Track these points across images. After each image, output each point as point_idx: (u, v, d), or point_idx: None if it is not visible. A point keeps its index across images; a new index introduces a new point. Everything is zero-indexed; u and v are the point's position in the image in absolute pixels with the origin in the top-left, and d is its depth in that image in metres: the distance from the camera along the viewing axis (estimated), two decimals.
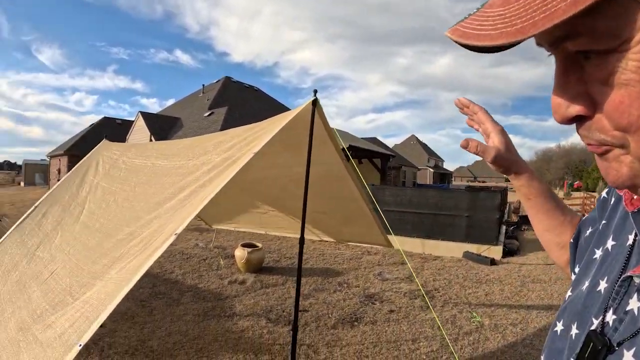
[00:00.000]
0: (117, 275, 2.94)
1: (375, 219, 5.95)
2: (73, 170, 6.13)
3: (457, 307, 6.78)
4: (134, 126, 32.31)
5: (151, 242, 3.03)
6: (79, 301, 3.00)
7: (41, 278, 4.00)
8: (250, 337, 5.64)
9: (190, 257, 10.30)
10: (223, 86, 35.28)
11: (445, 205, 11.66)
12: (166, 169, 4.66)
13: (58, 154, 38.55)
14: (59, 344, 2.57)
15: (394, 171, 36.61)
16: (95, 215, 4.77)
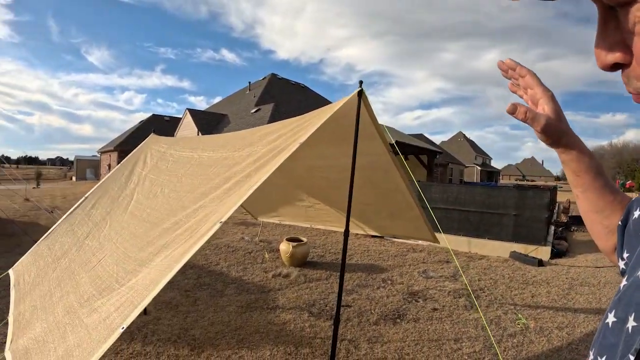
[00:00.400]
0: (162, 262, 2.98)
1: (423, 214, 5.90)
2: (122, 163, 6.26)
3: (502, 308, 6.63)
4: (182, 123, 32.89)
5: (196, 231, 3.06)
6: (125, 287, 3.05)
7: (89, 265, 4.10)
8: (291, 330, 5.65)
9: (236, 250, 10.43)
10: (269, 83, 35.57)
11: (493, 204, 11.36)
12: (212, 160, 4.70)
13: (108, 150, 39.62)
14: (103, 327, 2.62)
15: (440, 168, 36.27)
16: (142, 205, 4.85)
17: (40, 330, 3.33)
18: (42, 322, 3.47)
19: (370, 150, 4.96)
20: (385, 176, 5.49)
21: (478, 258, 10.37)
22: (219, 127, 30.76)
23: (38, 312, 3.80)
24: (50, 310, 3.63)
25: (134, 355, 4.91)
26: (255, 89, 36.11)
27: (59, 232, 5.52)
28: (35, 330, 3.40)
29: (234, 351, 5.03)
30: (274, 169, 3.21)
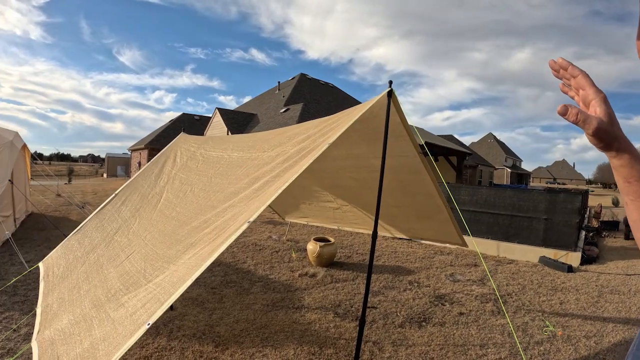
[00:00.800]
0: (189, 260, 3.01)
1: (451, 216, 5.86)
2: (152, 161, 6.34)
3: (530, 315, 6.52)
4: (212, 122, 33.17)
5: (224, 230, 3.08)
6: (152, 283, 3.09)
7: (117, 260, 4.16)
8: (316, 330, 5.66)
9: (263, 248, 10.49)
10: (298, 83, 35.63)
11: (523, 207, 11.18)
12: (241, 161, 4.74)
13: (139, 147, 40.17)
14: (129, 322, 2.66)
15: (470, 170, 35.94)
16: (172, 204, 4.91)
17: (67, 322, 3.40)
18: (69, 314, 3.54)
19: (399, 151, 4.94)
20: (414, 178, 5.45)
21: (506, 262, 10.21)
22: (248, 127, 30.94)
23: (65, 304, 3.87)
24: (78, 303, 3.70)
25: (159, 350, 4.98)
26: (285, 89, 36.20)
27: (89, 227, 5.61)
28: (61, 322, 3.46)
29: (258, 349, 5.06)
30: (303, 170, 3.22)
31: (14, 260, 8.55)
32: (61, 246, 5.64)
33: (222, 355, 4.90)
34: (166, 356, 4.84)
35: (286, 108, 30.07)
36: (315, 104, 31.27)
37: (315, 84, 38.30)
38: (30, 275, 7.29)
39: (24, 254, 8.67)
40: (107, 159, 56.20)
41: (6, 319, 5.72)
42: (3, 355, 4.74)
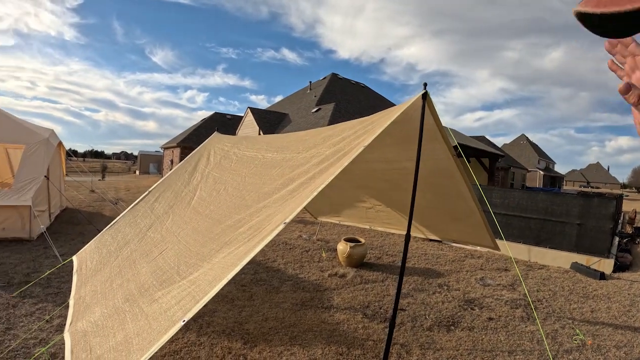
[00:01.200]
0: (225, 259, 3.05)
1: (484, 219, 5.83)
2: (186, 160, 6.43)
3: (560, 322, 6.41)
4: (244, 121, 33.36)
5: (259, 230, 3.10)
6: (186, 280, 3.14)
7: (150, 256, 4.23)
8: (344, 330, 5.67)
9: (294, 247, 10.56)
10: (330, 83, 35.60)
11: (555, 211, 11.01)
12: (276, 161, 4.77)
13: (171, 146, 40.62)
14: (164, 318, 2.70)
15: (502, 172, 35.52)
16: (205, 202, 4.98)
17: (100, 314, 3.47)
18: (101, 307, 3.61)
19: (433, 153, 4.92)
20: (447, 180, 5.42)
21: (538, 267, 10.07)
22: (279, 126, 31.04)
23: (98, 297, 3.95)
24: (110, 296, 3.78)
25: (188, 345, 5.05)
26: (316, 89, 36.20)
27: (122, 223, 5.72)
28: (94, 315, 3.54)
29: (287, 347, 5.09)
30: (338, 172, 3.23)
31: (48, 253, 8.76)
32: (95, 240, 5.76)
33: (251, 352, 4.95)
34: (195, 351, 4.91)
35: (318, 108, 30.09)
36: (347, 104, 31.23)
37: (347, 83, 38.23)
38: (64, 268, 7.45)
39: (58, 248, 8.87)
40: (140, 157, 57.00)
41: (39, 310, 5.87)
42: (36, 345, 4.86)
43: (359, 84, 40.82)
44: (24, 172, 10.09)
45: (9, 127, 10.94)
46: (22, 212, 9.74)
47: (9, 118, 11.35)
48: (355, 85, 39.57)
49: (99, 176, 35.57)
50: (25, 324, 5.44)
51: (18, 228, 9.78)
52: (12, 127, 11.04)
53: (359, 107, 31.30)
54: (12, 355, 4.62)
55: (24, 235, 9.82)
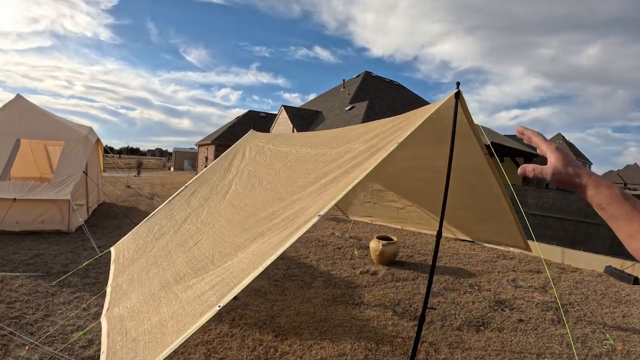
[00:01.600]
0: (259, 248, 3.12)
1: (516, 220, 5.80)
2: (222, 156, 6.55)
3: (590, 326, 6.33)
4: (277, 119, 33.56)
5: (293, 222, 3.16)
6: (220, 268, 3.21)
7: (186, 246, 4.34)
8: (374, 326, 5.71)
9: (326, 244, 10.63)
10: (363, 81, 35.54)
11: (590, 213, 10.68)
12: (310, 156, 4.82)
13: (206, 143, 41.08)
14: (198, 303, 2.78)
15: None
16: (240, 195, 5.07)
17: (136, 300, 3.57)
18: (137, 294, 3.72)
19: (465, 152, 4.90)
20: (480, 179, 5.40)
21: (571, 270, 9.91)
22: (313, 124, 31.14)
23: (134, 284, 4.07)
24: (147, 283, 3.88)
25: (220, 336, 5.17)
26: (350, 87, 36.21)
27: (159, 216, 5.86)
28: (130, 301, 3.65)
29: (317, 341, 5.17)
30: (372, 167, 3.27)
31: (86, 245, 9.03)
32: (132, 232, 5.91)
33: (281, 345, 5.04)
34: (227, 342, 5.03)
35: (351, 106, 30.09)
36: (380, 102, 31.16)
37: (380, 81, 38.11)
38: (101, 260, 7.67)
39: (96, 240, 9.09)
40: (175, 153, 57.95)
41: (77, 299, 6.09)
42: (73, 331, 5.06)
43: (392, 81, 40.66)
44: (63, 167, 10.38)
45: (48, 125, 11.27)
46: (61, 206, 10.02)
47: (48, 116, 11.68)
48: (388, 83, 39.43)
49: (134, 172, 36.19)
50: (63, 311, 5.65)
51: (57, 221, 10.07)
52: (51, 124, 11.37)
53: (392, 105, 31.20)
54: (50, 340, 4.81)
55: (62, 227, 10.12)
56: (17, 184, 10.01)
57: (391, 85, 39.14)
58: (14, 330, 4.95)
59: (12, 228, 9.70)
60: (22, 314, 5.48)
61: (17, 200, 9.45)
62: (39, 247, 8.73)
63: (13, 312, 5.51)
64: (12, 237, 9.48)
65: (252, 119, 41.08)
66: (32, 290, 6.31)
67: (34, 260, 7.85)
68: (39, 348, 4.56)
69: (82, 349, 4.62)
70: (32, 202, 9.73)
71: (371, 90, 34.10)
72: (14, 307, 5.70)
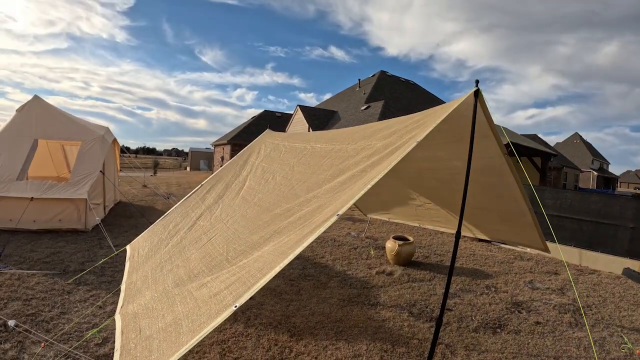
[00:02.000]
0: (276, 248, 3.11)
1: (535, 221, 5.72)
2: (238, 155, 6.57)
3: (608, 330, 6.21)
4: (293, 119, 33.62)
5: (310, 221, 3.14)
6: (235, 266, 3.20)
7: (199, 243, 4.34)
8: (390, 327, 5.67)
9: (342, 244, 10.60)
10: (378, 80, 35.51)
11: (609, 214, 10.59)
12: (324, 152, 4.78)
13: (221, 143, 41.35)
14: (213, 302, 2.76)
15: (554, 172, 34.71)
16: (254, 190, 5.06)
17: (150, 297, 3.58)
18: (151, 291, 3.72)
19: (484, 152, 4.85)
20: (498, 179, 5.32)
21: (588, 272, 9.76)
22: (329, 124, 31.14)
23: (149, 281, 4.07)
24: (160, 280, 3.89)
25: (235, 335, 5.15)
26: (365, 86, 36.19)
27: (174, 214, 5.88)
28: (144, 298, 3.65)
29: (332, 342, 5.13)
30: (391, 166, 3.22)
31: (103, 244, 9.09)
32: (148, 231, 5.94)
33: (296, 345, 5.02)
34: (242, 341, 5.01)
35: (367, 105, 30.05)
36: (396, 102, 31.09)
37: (396, 81, 38.04)
38: (117, 258, 7.72)
39: (112, 239, 9.16)
40: (191, 153, 58.35)
41: (93, 297, 6.11)
42: (88, 328, 5.07)
43: (408, 81, 40.57)
44: (81, 167, 10.50)
45: (65, 125, 11.41)
46: (79, 205, 10.10)
47: (65, 116, 11.82)
48: (404, 82, 39.34)
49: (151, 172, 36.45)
50: (79, 309, 5.68)
51: (74, 219, 10.15)
52: (68, 124, 11.51)
53: (408, 105, 31.13)
54: (65, 337, 4.83)
55: (79, 226, 10.20)
56: (35, 183, 10.12)
57: (407, 85, 39.05)
58: (29, 328, 4.99)
59: (30, 226, 9.80)
60: (38, 311, 5.52)
61: (34, 199, 9.54)
62: (56, 246, 8.82)
63: (29, 310, 5.56)
64: (29, 235, 9.58)
65: (268, 118, 41.25)
66: (48, 288, 6.36)
67: (50, 258, 7.92)
68: (54, 345, 4.58)
69: (97, 346, 4.63)
70: (49, 201, 9.83)
71: (387, 89, 34.04)
72: (30, 304, 5.75)
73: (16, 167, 9.99)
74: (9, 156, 10.17)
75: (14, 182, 9.77)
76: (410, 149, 3.37)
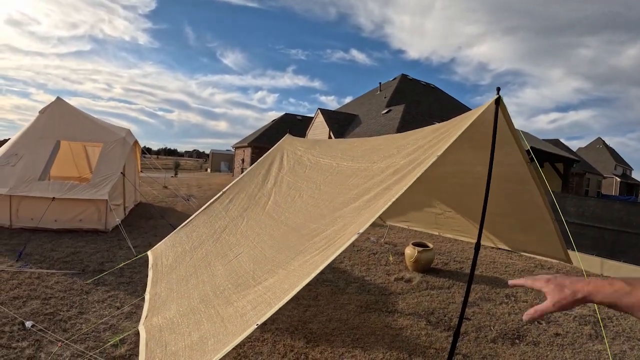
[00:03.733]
0: (300, 268, 3.09)
1: (557, 230, 5.62)
2: (258, 162, 6.54)
3: (629, 342, 6.08)
4: (314, 122, 33.64)
5: (334, 240, 3.13)
6: (261, 286, 3.20)
7: (226, 259, 4.33)
8: (407, 336, 5.61)
9: (361, 250, 10.54)
10: (399, 84, 35.39)
11: (632, 222, 10.32)
12: (351, 170, 4.77)
13: (242, 145, 41.59)
14: (240, 322, 2.78)
15: (577, 178, 34.29)
16: (280, 208, 5.05)
17: (175, 312, 3.58)
18: (177, 305, 3.73)
19: (506, 159, 4.77)
20: (520, 187, 5.21)
21: None
22: (349, 127, 31.08)
23: (173, 294, 4.08)
24: (186, 295, 3.89)
25: (251, 341, 5.14)
26: (386, 90, 36.10)
27: (197, 222, 5.88)
28: (170, 312, 3.66)
29: (348, 349, 5.10)
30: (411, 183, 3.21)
31: (122, 245, 9.14)
32: (169, 238, 5.95)
33: (312, 351, 4.99)
34: (258, 347, 5.01)
35: (388, 109, 29.96)
36: (417, 105, 30.95)
37: (416, 84, 37.90)
38: (136, 260, 7.74)
39: (132, 240, 9.21)
40: (212, 155, 58.91)
41: (111, 298, 6.17)
42: (105, 329, 5.12)
43: (429, 84, 40.41)
44: (102, 168, 10.63)
45: (87, 127, 11.60)
46: (99, 206, 10.20)
47: (87, 118, 12.01)
48: (425, 86, 39.20)
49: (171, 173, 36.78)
50: (97, 309, 5.73)
51: (94, 220, 10.26)
52: (90, 126, 11.69)
53: (429, 109, 30.99)
54: (82, 337, 4.88)
55: (99, 227, 10.30)
56: (57, 183, 10.27)
57: (428, 89, 38.89)
58: (47, 327, 5.06)
59: (51, 226, 9.94)
60: (57, 311, 5.59)
61: (56, 199, 9.66)
62: (76, 245, 8.91)
63: (48, 309, 5.63)
64: (50, 234, 9.70)
65: (288, 122, 41.35)
66: (67, 288, 6.43)
67: (70, 258, 8.00)
68: (70, 346, 4.62)
69: (112, 347, 4.66)
70: (70, 201, 9.95)
71: (407, 93, 33.92)
72: (49, 303, 5.82)
73: (39, 168, 10.16)
74: (32, 157, 10.34)
75: (36, 182, 9.91)
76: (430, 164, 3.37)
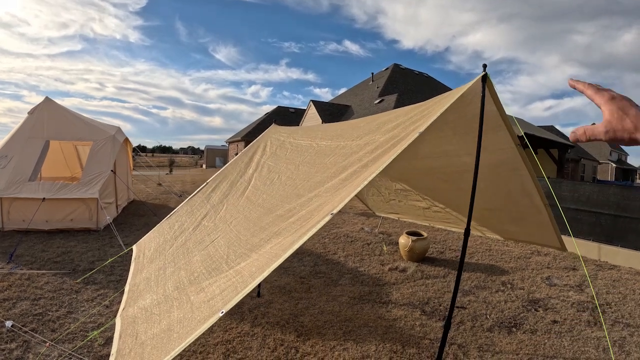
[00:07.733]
0: (271, 250, 3.01)
1: (551, 216, 5.49)
2: (243, 151, 6.48)
3: (628, 329, 5.96)
4: (306, 114, 33.73)
5: (308, 221, 3.04)
6: (232, 270, 3.11)
7: (203, 244, 4.26)
8: (401, 327, 5.55)
9: (355, 240, 10.50)
10: (392, 73, 35.46)
11: (629, 207, 10.18)
12: (330, 149, 4.66)
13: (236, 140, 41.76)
14: (206, 307, 2.68)
15: (572, 164, 34.32)
16: (259, 191, 4.97)
17: (150, 301, 3.52)
18: (152, 294, 3.67)
19: (495, 145, 4.59)
20: (511, 175, 5.03)
21: (608, 268, 9.51)
22: (342, 118, 31.09)
23: (151, 284, 4.02)
24: (162, 283, 3.82)
25: (241, 335, 5.10)
26: (379, 80, 36.14)
27: (180, 213, 5.82)
28: (145, 301, 3.59)
29: (340, 342, 5.03)
30: (392, 159, 3.09)
31: (114, 242, 9.12)
32: (153, 230, 5.88)
33: (303, 345, 4.93)
34: (247, 341, 4.95)
35: (380, 99, 29.94)
36: (410, 95, 30.94)
37: (409, 74, 37.93)
38: (127, 257, 7.68)
39: (124, 238, 9.18)
40: (206, 151, 58.94)
41: (100, 296, 6.16)
42: (93, 328, 5.11)
43: (422, 74, 40.43)
44: (92, 167, 10.64)
45: (77, 126, 11.63)
46: (90, 204, 10.16)
47: (76, 117, 12.02)
48: (418, 75, 39.21)
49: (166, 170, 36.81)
50: (85, 308, 5.72)
51: (86, 219, 10.22)
52: (80, 125, 11.71)
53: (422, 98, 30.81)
54: (70, 337, 4.87)
55: (91, 225, 10.26)
56: (47, 184, 10.25)
57: (421, 78, 38.90)
58: (36, 327, 5.05)
59: (42, 227, 9.89)
60: (46, 311, 5.56)
61: (46, 200, 9.61)
62: (67, 245, 8.87)
63: (37, 309, 5.61)
64: (42, 235, 9.66)
65: (282, 114, 41.40)
66: (57, 288, 6.41)
67: (61, 258, 7.97)
68: (57, 346, 4.60)
69: (100, 347, 4.64)
70: (61, 201, 9.93)
71: (400, 82, 33.92)
72: (38, 304, 5.80)
73: (28, 169, 10.12)
74: (22, 158, 10.30)
75: (26, 183, 9.86)
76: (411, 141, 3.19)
